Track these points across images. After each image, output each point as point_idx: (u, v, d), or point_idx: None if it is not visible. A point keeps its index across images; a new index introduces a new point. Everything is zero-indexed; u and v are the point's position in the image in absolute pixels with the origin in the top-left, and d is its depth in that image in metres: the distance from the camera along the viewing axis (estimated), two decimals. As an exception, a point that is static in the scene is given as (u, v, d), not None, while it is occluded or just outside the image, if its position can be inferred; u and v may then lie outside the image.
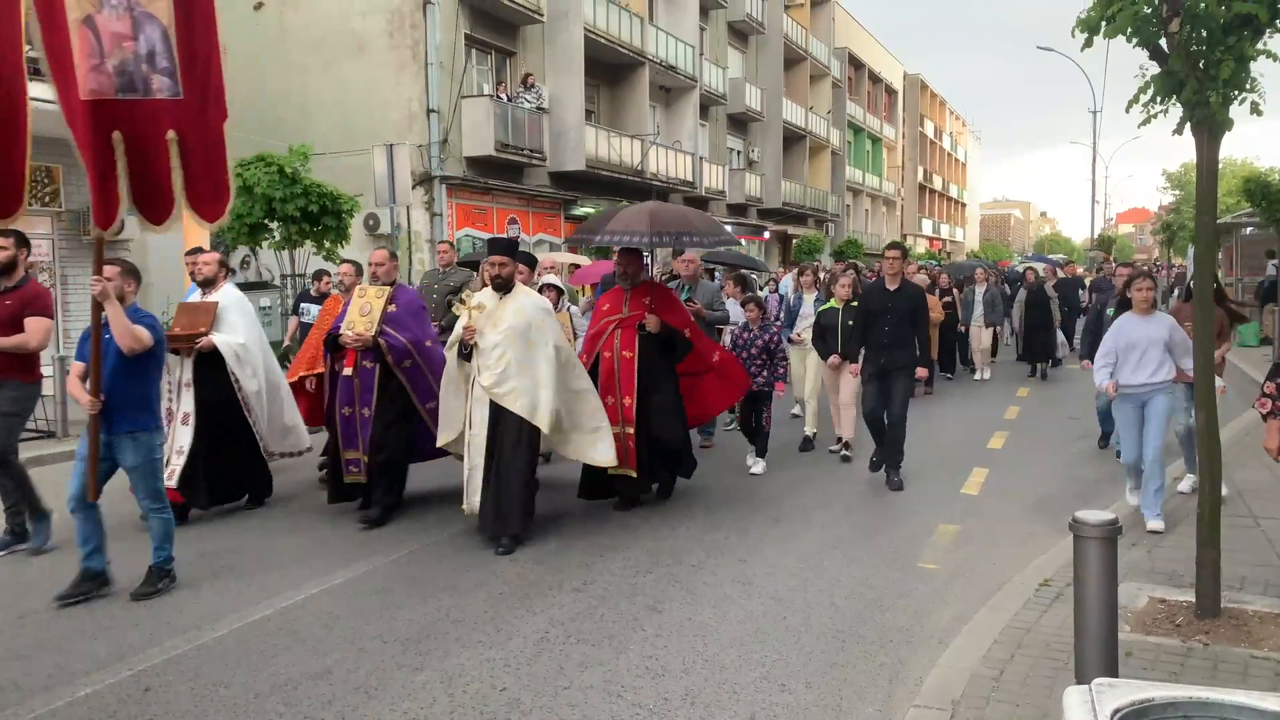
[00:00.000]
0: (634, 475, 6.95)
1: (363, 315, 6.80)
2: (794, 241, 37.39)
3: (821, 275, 12.47)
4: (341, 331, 6.75)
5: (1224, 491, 6.82)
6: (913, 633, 4.74)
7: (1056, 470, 8.63)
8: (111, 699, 4.02)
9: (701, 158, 29.41)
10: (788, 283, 15.91)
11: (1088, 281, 20.73)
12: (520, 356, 6.14)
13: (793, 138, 38.53)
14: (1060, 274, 21.41)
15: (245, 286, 14.46)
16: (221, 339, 6.74)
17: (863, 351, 7.99)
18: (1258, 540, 5.92)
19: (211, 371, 6.74)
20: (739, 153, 35.38)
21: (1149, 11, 4.31)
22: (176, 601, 5.22)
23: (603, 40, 23.92)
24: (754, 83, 35.01)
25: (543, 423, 6.14)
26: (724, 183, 31.67)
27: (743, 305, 8.61)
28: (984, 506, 7.31)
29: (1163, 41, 4.37)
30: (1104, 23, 4.30)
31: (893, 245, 7.90)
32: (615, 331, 7.00)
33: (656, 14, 28.67)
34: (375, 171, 15.11)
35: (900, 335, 7.69)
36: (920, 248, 55.04)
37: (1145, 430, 6.41)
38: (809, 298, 10.17)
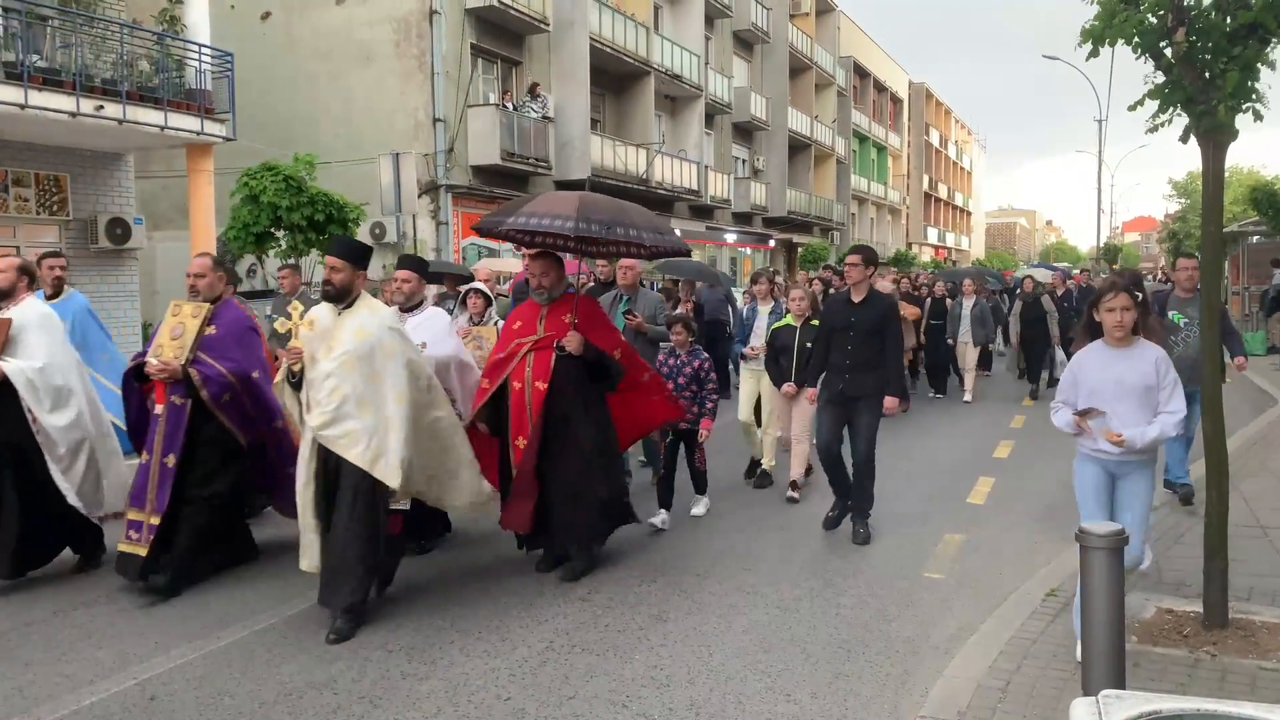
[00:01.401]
0: (528, 535, 5.79)
1: (173, 339, 5.52)
2: (799, 250, 37.38)
3: (782, 282, 11.66)
4: (147, 359, 5.48)
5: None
6: (918, 643, 4.73)
7: (1063, 480, 8.56)
8: (116, 707, 4.02)
9: (707, 166, 29.43)
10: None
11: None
12: (360, 390, 4.85)
13: (798, 146, 38.55)
14: (1070, 283, 20.77)
15: (251, 295, 14.52)
16: (13, 365, 5.38)
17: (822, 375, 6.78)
18: (1266, 550, 5.89)
19: (9, 405, 5.41)
20: (744, 161, 35.42)
21: (1154, 20, 4.31)
22: (182, 610, 5.22)
23: (608, 49, 23.98)
24: (759, 91, 35.05)
25: (390, 476, 4.85)
26: (729, 191, 31.69)
27: (668, 326, 7.27)
28: (990, 516, 7.28)
29: (1168, 51, 4.36)
30: (1108, 32, 4.30)
31: (855, 250, 6.63)
32: (527, 356, 5.65)
33: (662, 23, 28.75)
34: (381, 180, 15.17)
35: (866, 356, 6.40)
36: (926, 256, 55.02)
37: (1117, 514, 4.41)
38: (764, 309, 8.62)
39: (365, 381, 4.89)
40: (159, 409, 5.49)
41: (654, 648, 4.64)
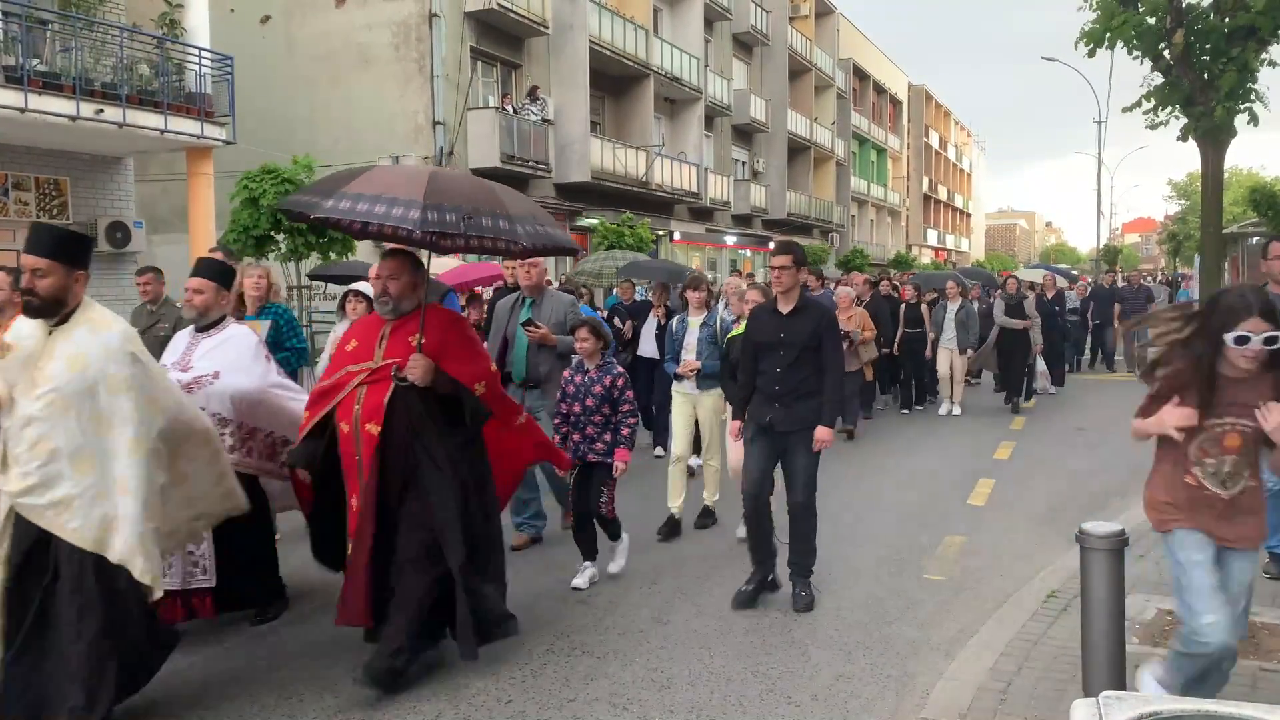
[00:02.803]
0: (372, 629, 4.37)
1: None
2: (799, 252, 37.32)
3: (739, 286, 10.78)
4: None
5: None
6: (919, 645, 4.72)
7: (1063, 482, 8.60)
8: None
9: (706, 169, 29.45)
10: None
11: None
12: (77, 441, 3.62)
13: (797, 149, 38.57)
14: (1072, 290, 19.17)
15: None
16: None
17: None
18: (1264, 552, 5.88)
19: None
20: (744, 164, 35.44)
21: (1152, 22, 4.32)
22: (182, 613, 5.21)
23: (608, 52, 24.00)
24: (758, 94, 35.08)
25: (129, 558, 3.64)
26: (729, 194, 31.71)
27: (571, 332, 5.85)
28: (990, 518, 7.28)
29: (1166, 52, 4.37)
30: (1107, 34, 4.31)
31: (782, 248, 5.26)
32: (359, 389, 4.25)
33: (661, 26, 28.77)
34: (381, 183, 15.14)
35: (800, 379, 5.20)
36: (925, 258, 55.02)
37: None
38: (695, 321, 7.04)
39: (84, 428, 3.63)
40: None
41: (654, 650, 4.64)
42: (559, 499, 6.70)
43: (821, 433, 5.18)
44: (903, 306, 13.11)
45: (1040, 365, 13.13)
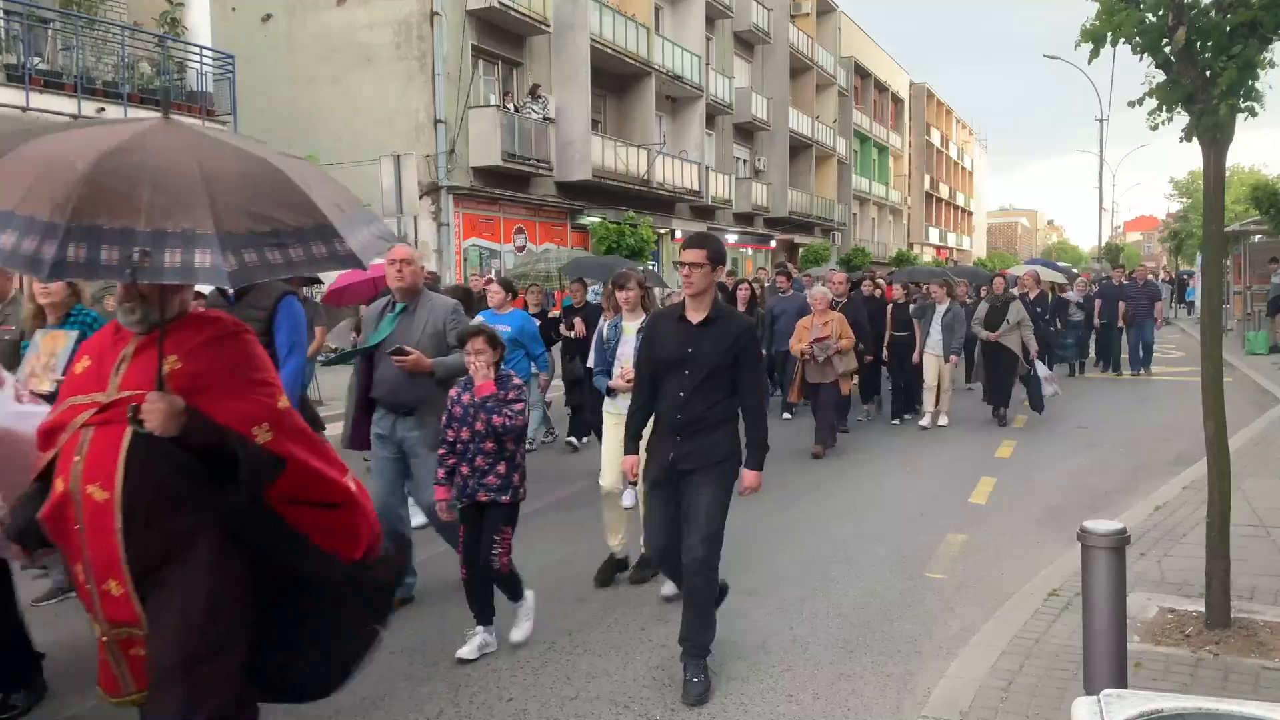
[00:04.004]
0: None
1: None
2: (800, 251, 37.40)
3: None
4: None
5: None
6: (920, 643, 4.72)
7: (1065, 480, 8.59)
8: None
9: (708, 167, 29.45)
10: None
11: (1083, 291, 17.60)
12: None
13: (799, 147, 38.56)
14: (1072, 290, 17.60)
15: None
16: None
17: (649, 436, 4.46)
18: (1268, 550, 5.88)
19: None
20: (745, 162, 35.43)
21: (1154, 20, 4.31)
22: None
23: (609, 51, 24.00)
24: (760, 92, 35.07)
25: None
26: (730, 192, 31.71)
27: (460, 343, 4.68)
28: (992, 516, 7.28)
29: (1168, 49, 4.36)
30: (1108, 32, 4.30)
31: (694, 241, 4.33)
32: (84, 432, 2.88)
33: (662, 24, 28.77)
34: (382, 182, 15.17)
35: (709, 405, 4.21)
36: (927, 256, 55.00)
37: None
38: (632, 325, 5.79)
39: None
40: None
41: (656, 648, 4.63)
42: (451, 543, 5.09)
43: (750, 477, 4.32)
44: (890, 306, 12.04)
45: (1042, 369, 11.57)
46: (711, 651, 4.25)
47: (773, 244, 36.42)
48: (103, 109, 12.20)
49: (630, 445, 4.48)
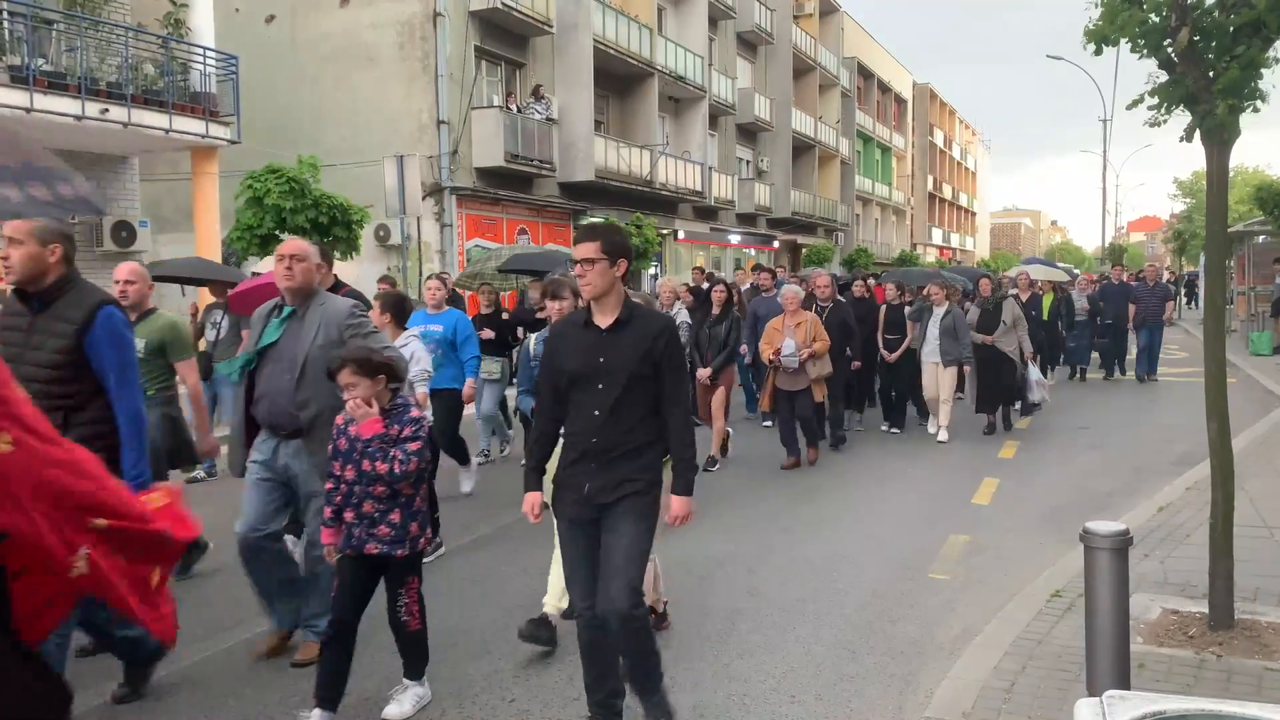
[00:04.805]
0: None
1: None
2: (803, 251, 37.39)
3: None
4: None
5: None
6: (923, 644, 4.72)
7: (1068, 480, 8.58)
8: (123, 708, 4.03)
9: (710, 168, 29.45)
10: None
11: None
12: None
13: (802, 147, 38.56)
14: (1073, 289, 16.90)
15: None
16: None
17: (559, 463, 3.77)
18: (1272, 551, 5.87)
19: None
20: (748, 163, 35.42)
21: (1156, 20, 4.31)
22: (185, 613, 5.21)
23: (612, 51, 24.00)
24: (763, 93, 35.07)
25: None
26: (733, 193, 31.70)
27: (331, 374, 3.87)
28: (995, 517, 7.27)
29: (1171, 49, 4.36)
30: (1111, 33, 4.30)
31: (585, 234, 3.66)
32: None
33: (665, 25, 28.78)
34: (385, 183, 15.18)
35: (623, 426, 3.58)
36: (930, 257, 54.97)
37: None
38: None
39: None
40: None
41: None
42: (260, 588, 4.59)
43: (679, 504, 3.64)
44: (882, 308, 11.30)
45: (1034, 374, 10.93)
46: (665, 686, 3.77)
47: (776, 245, 36.42)
48: (106, 110, 12.23)
49: (531, 479, 3.75)
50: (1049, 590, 5.22)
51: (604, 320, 3.62)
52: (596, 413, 3.57)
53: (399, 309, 6.15)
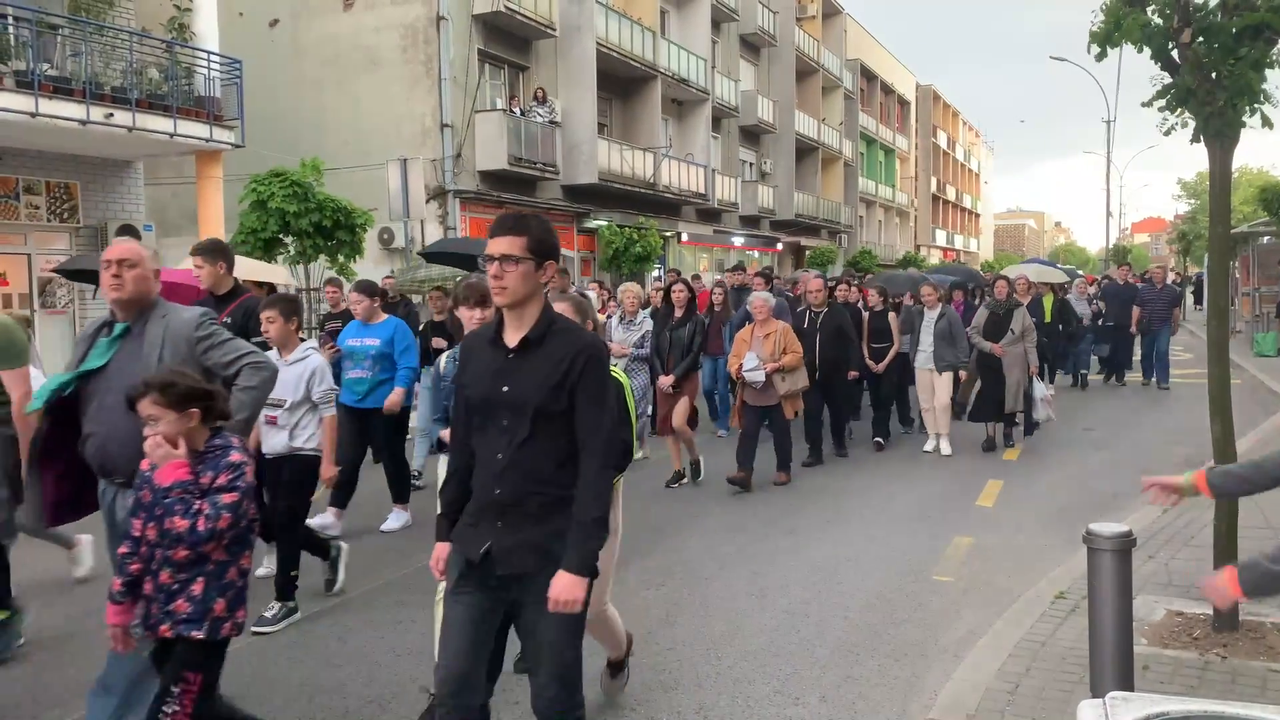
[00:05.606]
0: None
1: None
2: (807, 253, 37.38)
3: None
4: None
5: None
6: (927, 646, 4.72)
7: (1071, 482, 8.57)
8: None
9: (714, 170, 29.46)
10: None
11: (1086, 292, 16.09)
12: None
13: (805, 149, 38.56)
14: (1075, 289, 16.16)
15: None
16: None
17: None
18: (1276, 552, 5.86)
19: None
20: (751, 165, 35.43)
21: (1159, 22, 4.31)
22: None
23: (615, 54, 24.03)
24: (766, 95, 35.08)
25: None
26: (737, 195, 31.72)
27: (131, 403, 3.05)
28: (998, 519, 7.27)
29: (1174, 52, 4.36)
30: (1114, 33, 4.31)
31: (505, 226, 2.81)
32: None
33: (668, 27, 28.81)
34: (389, 186, 15.22)
35: (536, 479, 2.82)
36: (934, 258, 54.92)
37: None
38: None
39: None
40: None
41: (661, 651, 4.64)
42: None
43: (565, 585, 2.76)
44: (866, 314, 10.58)
45: (1039, 390, 10.05)
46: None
47: (779, 247, 36.42)
48: (111, 114, 12.26)
49: (442, 528, 3.03)
50: (1053, 592, 5.21)
51: (512, 337, 2.83)
52: (500, 455, 2.81)
53: (290, 311, 5.35)
